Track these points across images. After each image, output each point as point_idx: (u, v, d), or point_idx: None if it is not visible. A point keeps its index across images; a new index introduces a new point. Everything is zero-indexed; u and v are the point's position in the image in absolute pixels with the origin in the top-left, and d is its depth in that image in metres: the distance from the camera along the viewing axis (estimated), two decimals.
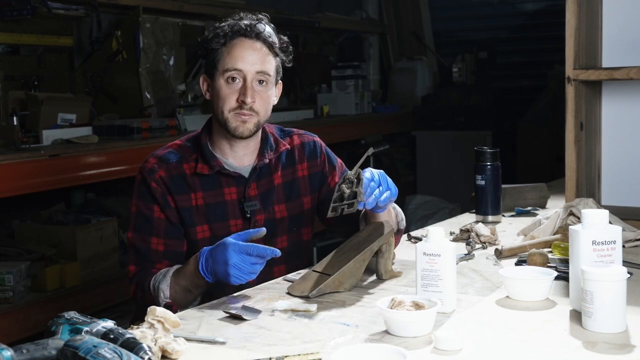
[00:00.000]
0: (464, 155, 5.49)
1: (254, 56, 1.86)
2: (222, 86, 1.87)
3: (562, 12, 2.16)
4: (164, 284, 1.78)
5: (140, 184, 1.90)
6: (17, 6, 3.68)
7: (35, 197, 3.67)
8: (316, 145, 2.06)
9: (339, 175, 2.07)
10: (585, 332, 1.35)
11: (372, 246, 1.74)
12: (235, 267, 1.63)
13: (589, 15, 2.22)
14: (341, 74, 5.74)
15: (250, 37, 1.87)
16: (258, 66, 1.86)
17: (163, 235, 1.87)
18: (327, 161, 2.06)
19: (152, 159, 1.91)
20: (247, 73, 1.85)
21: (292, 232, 1.99)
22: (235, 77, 1.85)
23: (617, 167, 2.35)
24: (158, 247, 1.86)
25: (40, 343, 1.18)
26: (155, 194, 1.87)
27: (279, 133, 2.04)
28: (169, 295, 1.77)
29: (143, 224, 1.88)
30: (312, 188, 2.03)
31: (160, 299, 1.77)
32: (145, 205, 1.88)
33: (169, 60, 4.45)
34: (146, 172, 1.89)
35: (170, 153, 1.92)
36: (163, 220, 1.87)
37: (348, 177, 1.68)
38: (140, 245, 1.87)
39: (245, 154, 1.94)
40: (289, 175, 2.00)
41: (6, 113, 3.51)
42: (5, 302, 3.12)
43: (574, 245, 1.45)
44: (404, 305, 1.39)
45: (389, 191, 1.74)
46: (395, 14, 6.86)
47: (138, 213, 1.89)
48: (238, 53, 1.85)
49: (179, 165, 1.90)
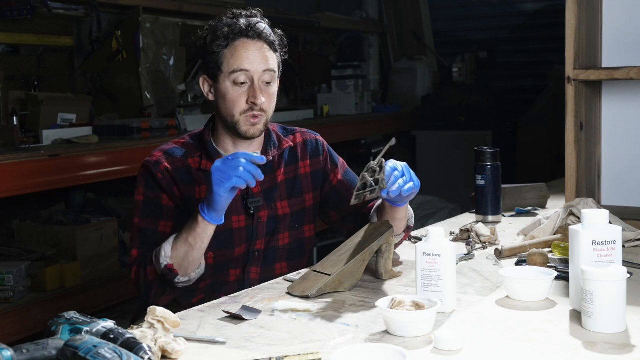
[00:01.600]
0: (464, 155, 5.49)
1: (259, 56, 1.86)
2: (229, 89, 1.86)
3: (562, 12, 2.16)
4: (166, 244, 1.76)
5: (146, 175, 1.89)
6: (17, 6, 3.68)
7: (35, 197, 3.67)
8: (318, 143, 2.06)
9: (341, 172, 2.08)
10: (585, 332, 1.35)
11: (372, 246, 1.74)
12: (216, 170, 1.65)
13: (589, 15, 2.22)
14: (341, 74, 5.74)
15: (252, 38, 1.87)
16: (264, 65, 1.86)
17: (172, 219, 1.86)
18: (329, 159, 2.07)
19: (157, 152, 1.92)
20: (254, 73, 1.85)
21: (294, 229, 1.99)
22: (243, 79, 1.85)
23: (617, 167, 2.35)
24: (165, 229, 1.84)
25: (40, 343, 1.18)
26: (162, 184, 1.87)
27: (282, 131, 2.05)
28: (170, 255, 1.74)
29: (151, 209, 1.87)
30: (314, 185, 2.03)
31: (161, 259, 1.74)
32: (153, 193, 1.87)
33: (169, 60, 4.46)
34: (151, 164, 1.89)
35: (175, 148, 1.93)
36: (172, 208, 1.87)
37: (371, 166, 1.70)
38: (147, 227, 1.85)
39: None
40: (291, 172, 2.00)
41: (6, 113, 3.51)
42: (5, 302, 3.12)
43: (574, 245, 1.45)
44: (404, 305, 1.39)
45: (412, 182, 1.76)
46: (395, 14, 6.87)
47: (146, 200, 1.88)
48: (243, 54, 1.85)
49: (184, 159, 1.90)
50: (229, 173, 1.64)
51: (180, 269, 1.75)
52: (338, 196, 2.07)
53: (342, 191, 2.07)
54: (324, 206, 2.08)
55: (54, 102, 3.70)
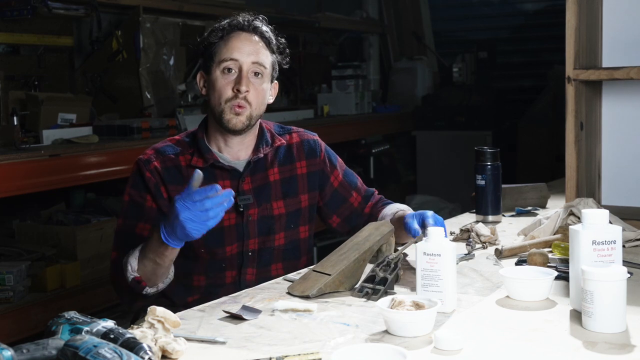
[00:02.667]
0: (464, 155, 5.49)
1: (250, 47, 1.88)
2: (218, 77, 1.88)
3: (562, 12, 2.16)
4: (132, 257, 1.74)
5: (135, 173, 1.91)
6: (17, 6, 3.68)
7: (35, 197, 3.67)
8: (316, 144, 2.06)
9: (341, 173, 2.08)
10: (585, 332, 1.35)
11: (372, 246, 1.74)
12: (187, 220, 1.57)
13: (589, 15, 2.22)
14: (341, 74, 5.74)
15: (248, 31, 1.90)
16: (253, 57, 1.87)
17: (150, 222, 1.86)
18: (328, 160, 2.06)
19: (149, 151, 1.93)
20: (243, 63, 1.87)
21: (290, 229, 1.99)
22: (231, 67, 1.87)
23: (617, 167, 2.35)
24: (143, 232, 1.84)
25: (40, 343, 1.18)
26: (148, 184, 1.88)
27: (278, 130, 2.05)
28: (137, 268, 1.73)
29: (133, 210, 1.88)
30: (310, 186, 2.03)
31: (128, 273, 1.74)
32: (139, 194, 1.89)
33: (169, 60, 4.46)
34: (142, 163, 1.90)
35: (168, 146, 1.94)
36: (154, 209, 1.88)
37: (387, 260, 1.65)
38: (126, 230, 1.86)
39: (240, 149, 1.95)
40: (286, 172, 2.00)
41: (6, 113, 3.51)
42: (5, 302, 3.12)
43: (574, 245, 1.45)
44: (404, 305, 1.39)
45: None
46: (395, 14, 6.87)
47: (130, 201, 1.90)
48: (234, 44, 1.88)
49: (175, 158, 1.91)
50: (204, 222, 1.58)
51: (149, 281, 1.75)
52: (340, 198, 2.07)
53: (343, 193, 2.07)
54: (326, 209, 2.08)
55: (54, 102, 3.70)
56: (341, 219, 2.09)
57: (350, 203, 2.09)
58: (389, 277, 1.62)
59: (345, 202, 2.08)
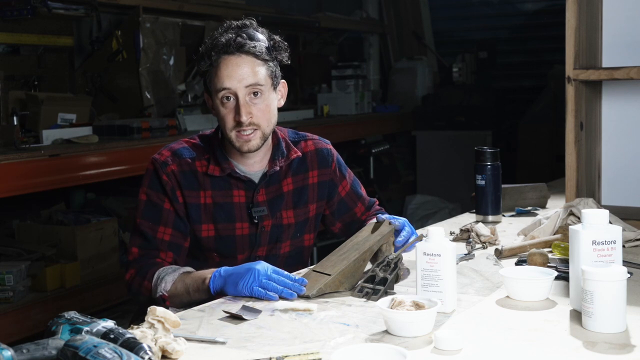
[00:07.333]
0: (464, 155, 5.49)
1: (240, 71, 1.82)
2: (219, 107, 1.86)
3: (562, 12, 2.16)
4: (170, 276, 1.76)
5: (152, 174, 1.90)
6: (17, 6, 3.69)
7: (35, 197, 3.67)
8: (329, 153, 2.05)
9: (349, 184, 2.07)
10: (585, 332, 1.35)
11: (372, 246, 1.74)
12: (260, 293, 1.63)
13: (589, 15, 2.22)
14: (341, 74, 5.74)
15: (232, 54, 1.83)
16: (246, 80, 1.83)
17: (171, 226, 1.86)
18: (338, 170, 2.06)
19: (165, 152, 1.91)
20: (238, 90, 1.83)
21: (296, 238, 2.00)
22: (228, 95, 1.84)
23: (617, 167, 2.35)
24: (164, 236, 1.86)
25: (40, 343, 1.18)
26: (165, 187, 1.87)
27: (293, 136, 2.03)
28: (169, 289, 1.75)
29: (152, 212, 1.88)
30: (319, 196, 2.03)
31: (158, 289, 1.76)
32: (157, 195, 1.88)
33: (169, 60, 4.46)
34: (159, 165, 1.89)
35: (184, 149, 1.92)
36: (172, 212, 1.87)
37: (387, 261, 1.65)
38: (147, 231, 1.86)
39: (255, 162, 1.93)
40: (299, 182, 1.99)
41: (6, 113, 3.52)
42: (5, 302, 3.12)
43: (574, 245, 1.45)
44: (404, 305, 1.39)
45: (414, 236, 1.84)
46: (395, 14, 6.87)
47: (148, 201, 1.89)
48: (224, 72, 1.83)
49: (192, 162, 1.90)
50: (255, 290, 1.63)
51: (172, 303, 1.77)
52: (345, 208, 2.08)
53: (349, 203, 2.08)
54: (331, 217, 2.08)
55: (54, 102, 3.71)
56: (343, 224, 2.10)
57: (354, 212, 2.10)
58: (389, 277, 1.62)
59: (349, 211, 2.09)
